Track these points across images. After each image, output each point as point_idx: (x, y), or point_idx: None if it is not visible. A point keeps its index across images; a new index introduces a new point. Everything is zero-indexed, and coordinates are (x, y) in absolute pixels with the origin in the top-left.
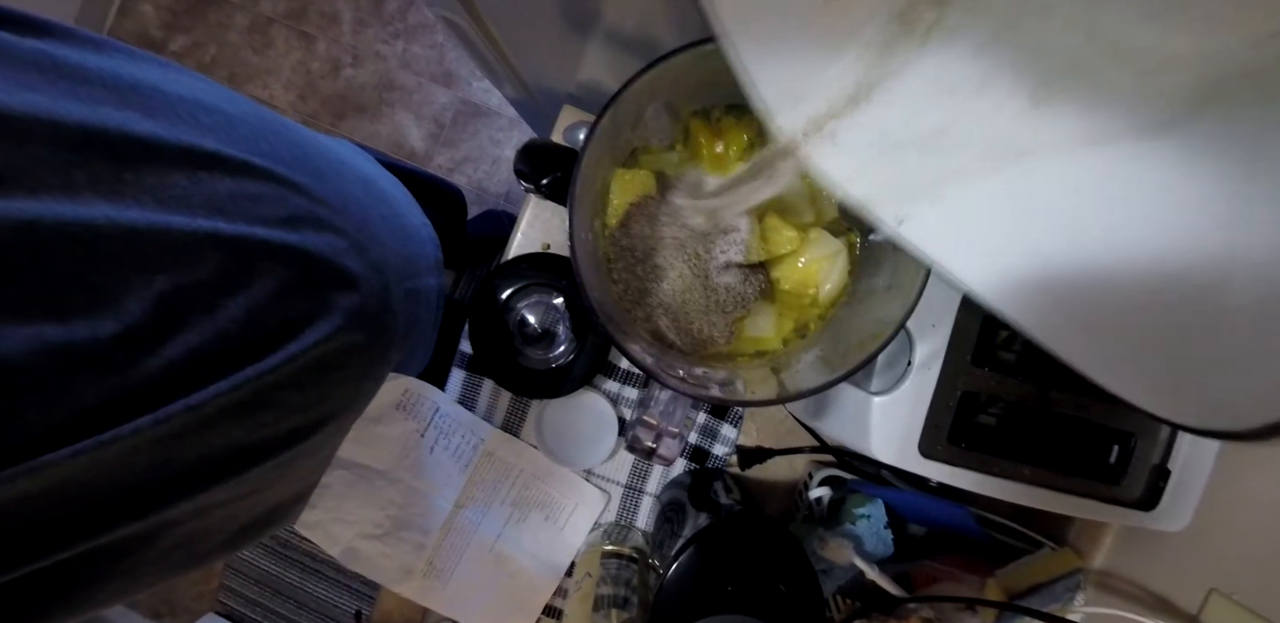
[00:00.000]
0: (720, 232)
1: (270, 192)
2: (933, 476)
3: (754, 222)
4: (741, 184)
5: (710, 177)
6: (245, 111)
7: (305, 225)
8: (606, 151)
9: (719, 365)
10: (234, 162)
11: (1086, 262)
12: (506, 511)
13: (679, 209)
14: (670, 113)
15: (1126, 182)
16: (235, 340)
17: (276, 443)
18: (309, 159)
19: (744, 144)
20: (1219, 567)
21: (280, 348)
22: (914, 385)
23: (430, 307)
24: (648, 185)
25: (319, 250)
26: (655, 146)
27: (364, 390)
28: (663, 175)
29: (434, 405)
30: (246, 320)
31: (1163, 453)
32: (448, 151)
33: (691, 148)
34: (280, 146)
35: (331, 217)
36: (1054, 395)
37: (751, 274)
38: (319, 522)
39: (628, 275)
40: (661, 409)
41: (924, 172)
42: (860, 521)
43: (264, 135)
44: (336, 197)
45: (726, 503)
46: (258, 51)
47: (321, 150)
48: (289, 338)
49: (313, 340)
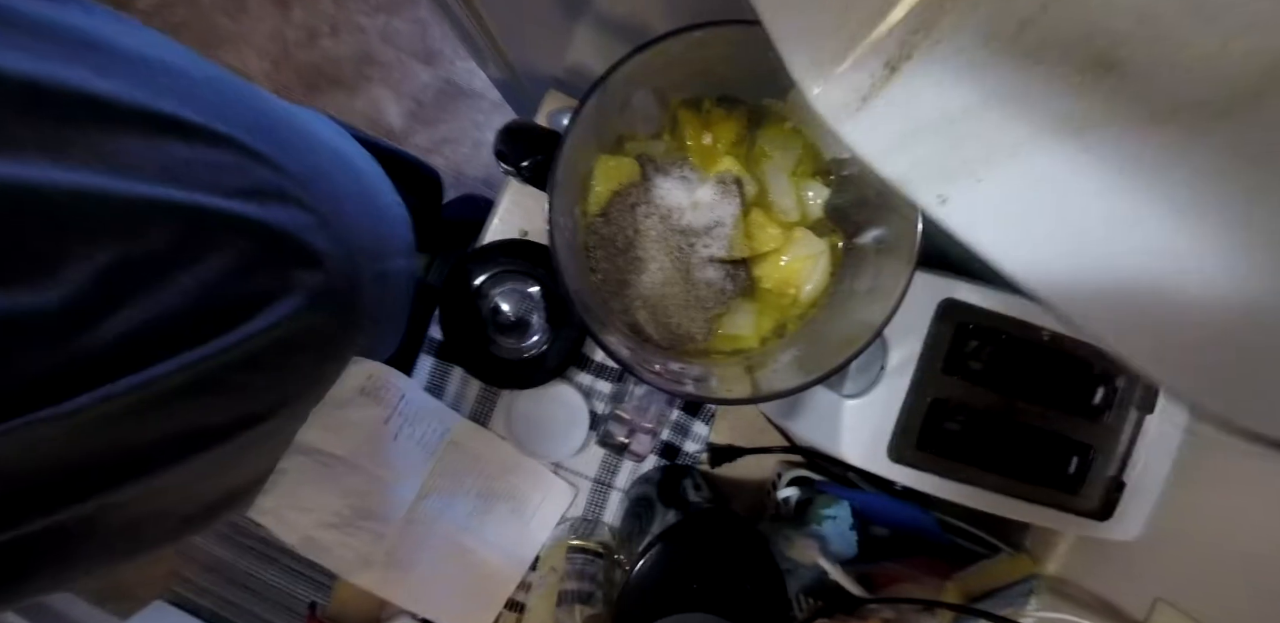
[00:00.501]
0: (704, 225)
1: (231, 160)
2: (900, 480)
3: (739, 217)
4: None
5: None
6: (209, 75)
7: (268, 198)
8: (591, 136)
9: (695, 362)
10: (193, 127)
11: (1146, 255)
12: (471, 502)
13: (663, 199)
14: (659, 101)
15: (1179, 170)
16: (187, 317)
17: (231, 427)
18: (276, 128)
19: (733, 137)
20: (1166, 577)
21: (237, 327)
22: (886, 391)
23: (401, 290)
24: (632, 173)
25: (281, 225)
26: (641, 134)
27: (326, 374)
28: (648, 164)
29: (400, 392)
30: (200, 296)
31: (1119, 466)
32: (426, 131)
33: (679, 138)
34: (245, 113)
35: (297, 190)
36: (1019, 406)
37: (734, 271)
38: (274, 509)
39: (607, 266)
40: (636, 404)
41: (970, 148)
42: (826, 521)
43: (228, 101)
44: (303, 169)
45: (695, 501)
46: (230, 16)
47: (290, 120)
48: (246, 317)
49: (272, 320)
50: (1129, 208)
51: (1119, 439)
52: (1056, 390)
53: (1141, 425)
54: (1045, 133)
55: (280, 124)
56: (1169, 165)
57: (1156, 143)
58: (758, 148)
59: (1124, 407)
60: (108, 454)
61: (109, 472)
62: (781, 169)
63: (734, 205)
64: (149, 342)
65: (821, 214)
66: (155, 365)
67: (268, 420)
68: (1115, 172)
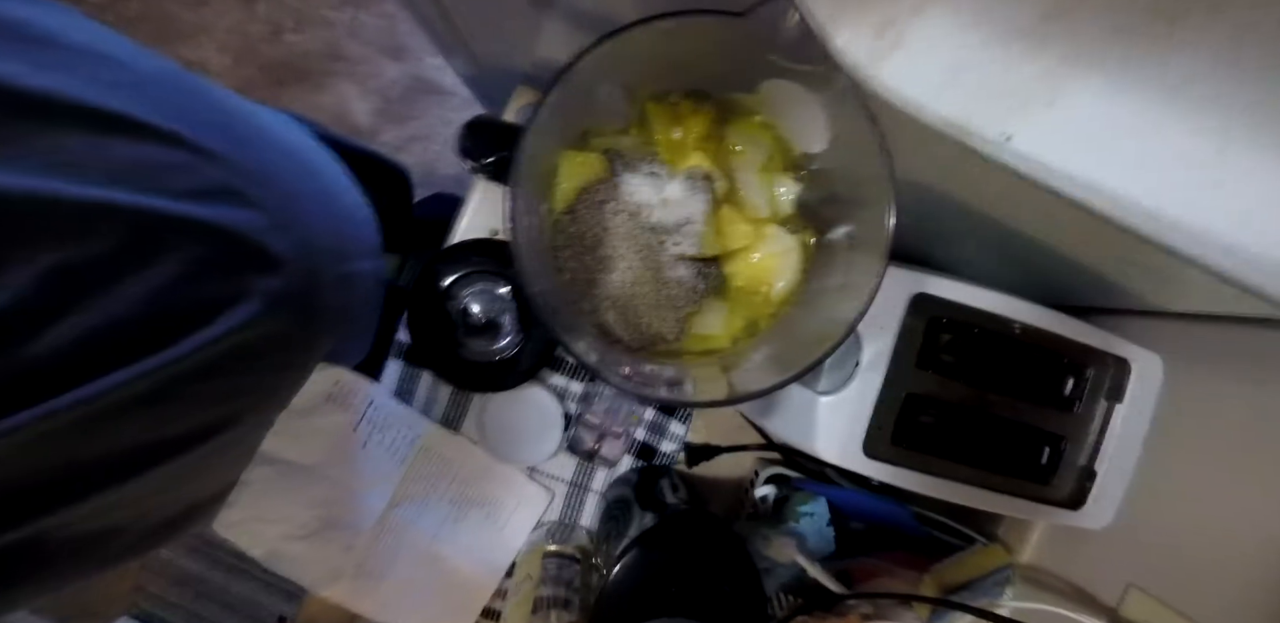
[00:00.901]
0: (674, 222)
1: (180, 159)
2: (875, 475)
3: (709, 214)
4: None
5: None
6: (157, 69)
7: (220, 199)
8: (555, 131)
9: (667, 363)
10: (140, 125)
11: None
12: (444, 509)
13: (631, 196)
14: (626, 94)
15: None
16: (136, 325)
17: (187, 439)
18: (229, 126)
19: (702, 131)
20: (1137, 563)
21: (190, 334)
22: (860, 387)
23: (368, 293)
24: (599, 170)
25: (234, 226)
26: (608, 129)
27: (287, 382)
28: (616, 160)
29: (368, 398)
30: (149, 303)
31: (1090, 455)
32: (395, 129)
33: (647, 133)
34: (196, 110)
35: (251, 189)
36: (992, 398)
37: (704, 269)
38: (239, 521)
39: (575, 265)
40: (605, 407)
41: (1031, 69)
42: (804, 518)
43: (177, 97)
44: (259, 168)
45: (673, 502)
46: (190, 9)
47: (245, 117)
48: (200, 324)
49: (227, 327)
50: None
51: (1089, 429)
52: (1028, 382)
53: (1111, 415)
54: (1129, 31)
55: (235, 121)
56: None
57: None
58: (727, 143)
59: (1094, 397)
60: (50, 474)
61: (52, 492)
62: (751, 164)
63: (704, 202)
64: (96, 352)
65: (792, 210)
66: (103, 377)
67: (227, 431)
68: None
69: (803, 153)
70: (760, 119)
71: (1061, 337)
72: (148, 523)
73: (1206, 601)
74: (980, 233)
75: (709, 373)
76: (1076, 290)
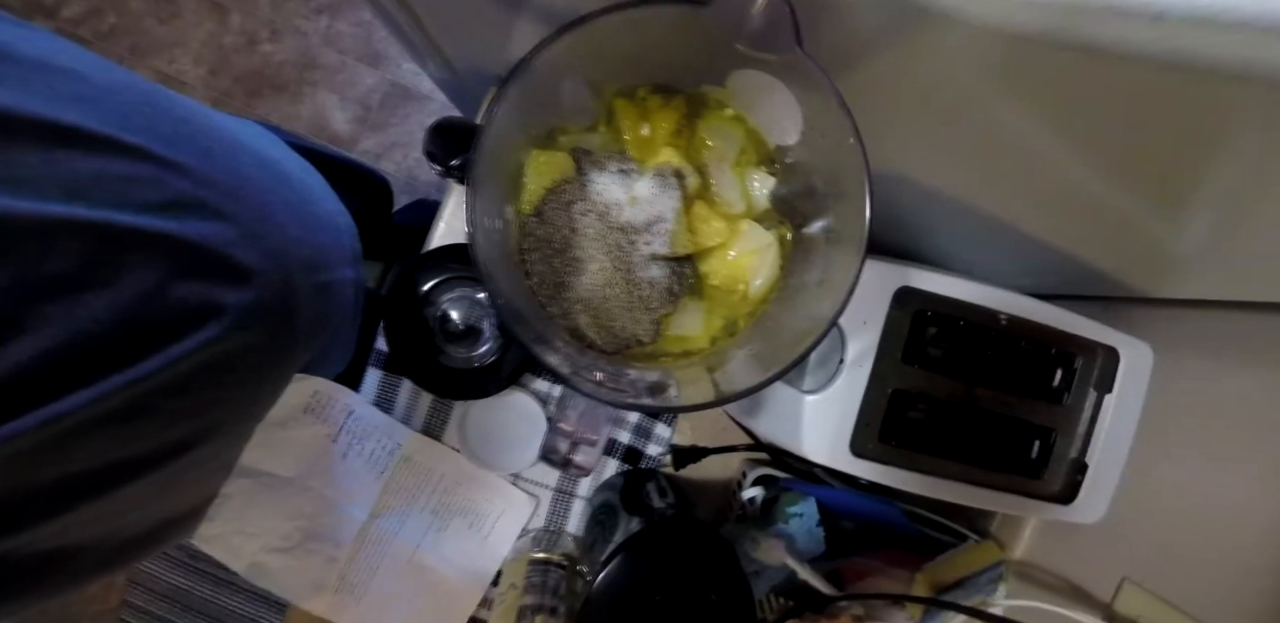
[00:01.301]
0: (644, 221)
1: (144, 172)
2: (864, 475)
3: (681, 211)
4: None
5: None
6: (117, 81)
7: (186, 211)
8: (518, 129)
9: (645, 366)
10: (98, 138)
11: None
12: (427, 519)
13: (600, 195)
14: (592, 90)
15: None
16: (102, 341)
17: (158, 455)
18: (195, 137)
19: (672, 127)
20: (1131, 557)
21: (159, 350)
22: (846, 384)
23: (347, 302)
24: (566, 169)
25: (202, 239)
26: (575, 127)
27: (263, 394)
28: (584, 158)
29: (347, 408)
30: (114, 319)
31: (1080, 447)
32: (375, 136)
33: (615, 130)
34: (159, 122)
35: (219, 201)
36: (979, 392)
37: (678, 268)
38: (219, 535)
39: (543, 268)
40: (579, 414)
41: None
42: (793, 519)
43: (139, 108)
44: (227, 179)
45: (659, 507)
46: (163, 21)
47: (212, 128)
48: (170, 338)
49: (198, 341)
50: None
51: (1079, 421)
52: (1016, 375)
53: (1101, 406)
54: None
55: (201, 132)
56: None
57: None
58: (698, 138)
59: (1083, 388)
60: (15, 494)
61: (17, 512)
62: (724, 159)
63: (674, 199)
64: (60, 369)
65: (768, 205)
66: (68, 396)
67: (201, 446)
68: None
69: (776, 146)
70: (731, 112)
71: (1048, 327)
72: (121, 538)
73: (1202, 593)
74: (962, 223)
75: (693, 374)
76: (1062, 279)
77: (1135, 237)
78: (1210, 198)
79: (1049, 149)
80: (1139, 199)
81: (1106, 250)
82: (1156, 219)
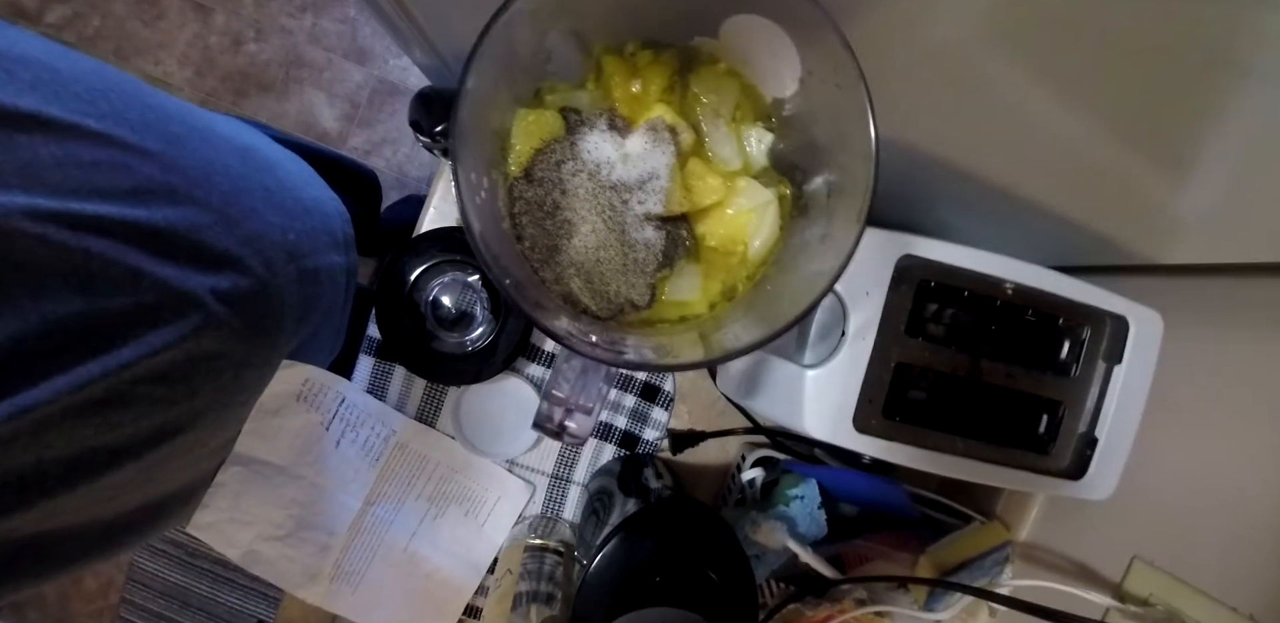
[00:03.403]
0: (637, 179)
1: (109, 158)
2: (867, 451)
3: (675, 168)
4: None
5: None
6: (83, 69)
7: (155, 197)
8: (501, 85)
9: (639, 333)
10: (60, 124)
11: None
12: (422, 507)
13: (590, 154)
14: (579, 46)
15: None
16: (75, 328)
17: (138, 443)
18: (164, 122)
19: (664, 83)
20: (1140, 534)
21: (136, 336)
22: (848, 357)
23: (337, 287)
24: (554, 128)
25: (172, 226)
26: (563, 85)
27: (247, 380)
28: (572, 116)
29: (339, 396)
30: (85, 308)
31: (1090, 421)
32: (363, 133)
33: (604, 87)
34: (127, 108)
35: (190, 187)
36: (984, 365)
37: (674, 229)
38: (213, 523)
39: (534, 231)
40: (573, 380)
41: None
42: (794, 502)
43: (105, 95)
44: (198, 165)
45: (656, 488)
46: (147, 23)
47: (184, 116)
48: (146, 324)
49: (176, 327)
50: None
51: (1088, 393)
52: (1022, 346)
53: (1110, 378)
54: None
55: (170, 117)
56: None
57: None
58: (690, 93)
59: (1091, 359)
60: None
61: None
62: (718, 114)
63: (668, 154)
64: (28, 359)
65: (766, 162)
66: (44, 382)
67: (184, 433)
68: None
69: (774, 99)
70: (725, 66)
71: (1055, 296)
72: (107, 523)
73: (1215, 569)
74: (964, 191)
75: (688, 339)
76: (1067, 248)
77: (1139, 197)
78: (1215, 153)
79: (1050, 107)
80: (1141, 156)
81: (1111, 214)
82: (1160, 177)
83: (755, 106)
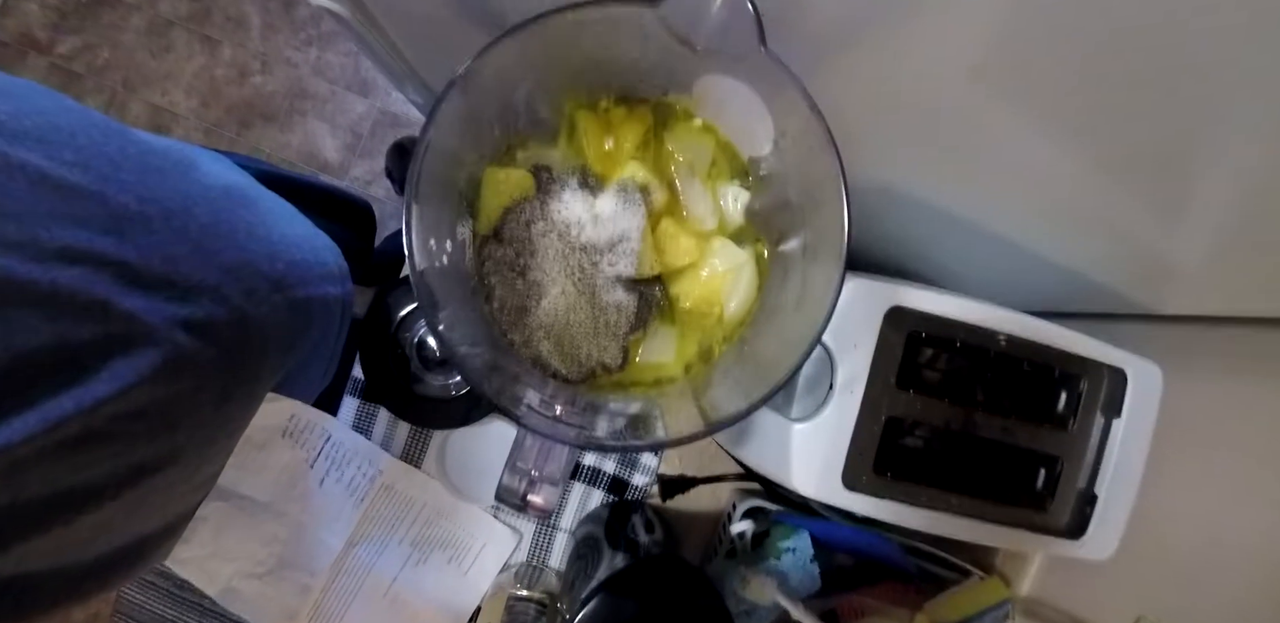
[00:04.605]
0: (607, 241)
1: (83, 187)
2: (857, 509)
3: (646, 231)
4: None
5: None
6: (62, 107)
7: (129, 226)
8: (468, 142)
9: (623, 397)
10: (34, 156)
11: None
12: (405, 550)
13: (560, 213)
14: (549, 102)
15: None
16: (43, 363)
17: (117, 483)
18: (143, 155)
19: (637, 139)
20: (1146, 592)
21: (106, 369)
22: (836, 411)
23: (331, 317)
24: (524, 186)
25: (145, 256)
26: (534, 142)
27: (229, 414)
28: (543, 174)
29: (325, 433)
30: (53, 340)
31: (1089, 477)
32: (365, 163)
33: (576, 144)
34: (105, 141)
35: (167, 217)
36: (978, 419)
37: (647, 290)
38: (193, 558)
39: (504, 292)
40: (538, 449)
41: None
42: (785, 554)
43: (85, 129)
44: (177, 196)
45: (645, 543)
46: (156, 55)
47: (165, 150)
48: (116, 356)
49: (147, 358)
50: None
51: (1086, 448)
52: (1017, 399)
53: (1109, 431)
54: None
55: (152, 152)
56: None
57: None
58: (665, 150)
59: (1089, 412)
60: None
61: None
62: (693, 172)
63: (638, 216)
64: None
65: (743, 220)
66: (14, 420)
67: (165, 470)
68: None
69: (750, 157)
70: (700, 122)
71: (1051, 347)
72: (86, 564)
73: None
74: (953, 236)
75: (676, 403)
76: (1061, 295)
77: (1133, 247)
78: (1214, 203)
79: (1040, 153)
80: (1136, 205)
81: (1105, 262)
82: (1156, 227)
83: (732, 164)
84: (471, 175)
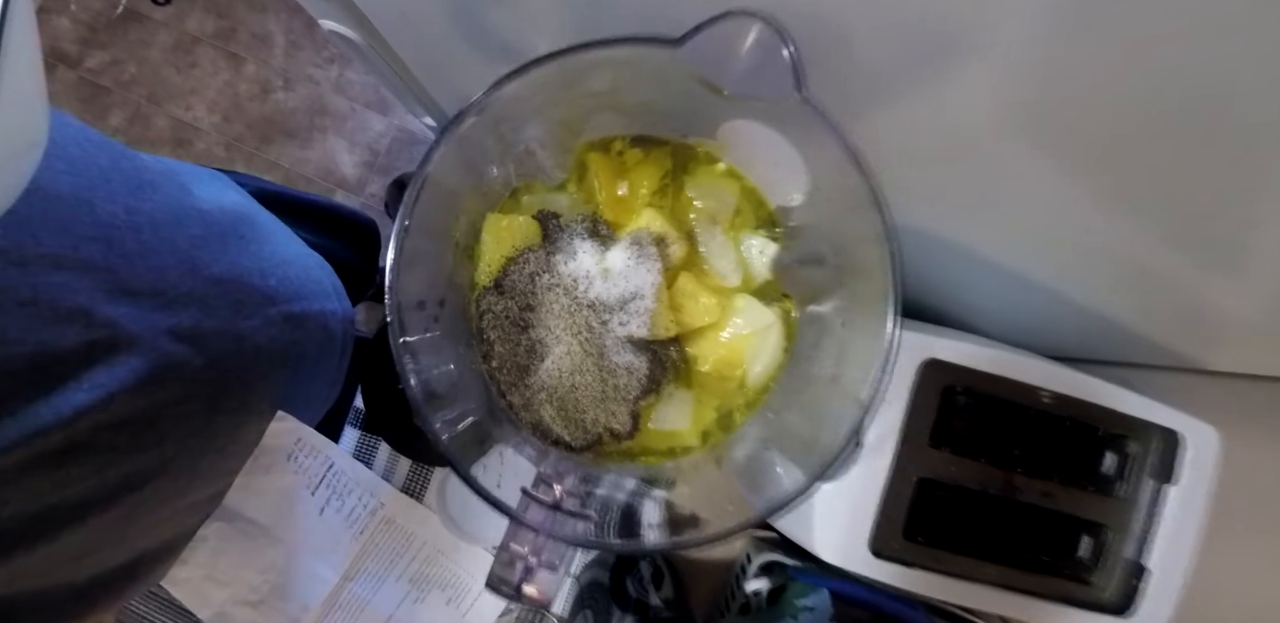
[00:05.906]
0: (618, 298)
1: (70, 196)
2: (885, 579)
3: (661, 288)
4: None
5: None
6: (58, 122)
7: (116, 235)
8: (468, 187)
9: (615, 466)
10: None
11: None
12: (403, 588)
13: (567, 266)
14: (558, 143)
15: None
16: (21, 372)
17: (102, 497)
18: (137, 171)
19: (654, 185)
20: None
21: (87, 379)
22: (864, 471)
23: (330, 333)
24: (529, 234)
25: (133, 264)
26: (541, 186)
27: (219, 427)
28: (550, 222)
29: (328, 461)
30: (32, 347)
31: (1138, 547)
32: (382, 180)
33: (587, 189)
34: (98, 153)
35: (155, 229)
36: (1018, 481)
37: (661, 350)
38: (189, 579)
39: (503, 349)
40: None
41: None
42: (802, 614)
43: (77, 143)
44: (168, 210)
45: (655, 605)
46: (181, 71)
47: (161, 167)
48: (98, 364)
49: (130, 367)
50: None
51: (1135, 515)
52: (1061, 461)
53: (1161, 498)
54: None
55: (146, 168)
56: None
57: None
58: (684, 198)
59: (1138, 476)
60: None
61: None
62: (714, 222)
63: (653, 272)
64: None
65: (769, 275)
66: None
67: (152, 484)
68: None
69: (778, 207)
70: (724, 167)
71: (1097, 405)
72: (78, 585)
73: None
74: (996, 284)
75: (694, 477)
76: (1108, 344)
77: (1182, 300)
78: (1268, 259)
79: (1090, 204)
80: (1190, 258)
81: (1153, 315)
82: (1206, 282)
83: (758, 212)
84: (472, 222)
